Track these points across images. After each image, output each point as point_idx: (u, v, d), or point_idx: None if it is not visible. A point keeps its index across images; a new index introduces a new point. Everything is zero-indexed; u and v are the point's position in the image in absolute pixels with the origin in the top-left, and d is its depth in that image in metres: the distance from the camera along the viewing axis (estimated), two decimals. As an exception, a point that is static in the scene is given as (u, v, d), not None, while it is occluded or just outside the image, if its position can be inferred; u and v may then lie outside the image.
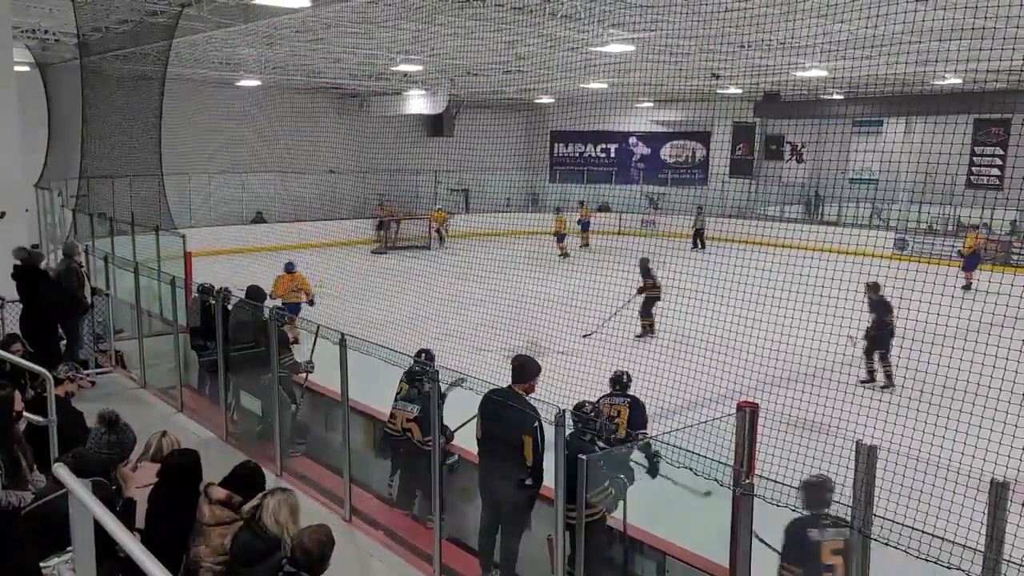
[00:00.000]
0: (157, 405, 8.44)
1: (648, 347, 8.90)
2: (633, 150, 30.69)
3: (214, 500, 4.22)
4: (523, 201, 28.94)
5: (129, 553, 2.35)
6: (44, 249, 15.33)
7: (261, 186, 24.92)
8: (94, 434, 4.82)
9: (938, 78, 18.21)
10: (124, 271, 9.75)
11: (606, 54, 15.85)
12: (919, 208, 21.49)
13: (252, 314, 7.56)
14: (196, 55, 18.09)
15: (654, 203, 27.91)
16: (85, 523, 2.67)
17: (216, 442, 7.36)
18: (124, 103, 13.25)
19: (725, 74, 19.38)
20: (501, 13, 12.27)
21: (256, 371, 7.26)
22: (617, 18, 12.80)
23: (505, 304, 11.84)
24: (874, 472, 3.55)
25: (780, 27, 12.12)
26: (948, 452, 5.61)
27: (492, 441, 5.19)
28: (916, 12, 9.74)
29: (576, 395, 6.47)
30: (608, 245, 20.92)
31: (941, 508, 4.08)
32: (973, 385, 6.49)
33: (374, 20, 13.21)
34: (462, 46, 15.88)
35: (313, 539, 3.72)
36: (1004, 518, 3.14)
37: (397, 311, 11.89)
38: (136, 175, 13.52)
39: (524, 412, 4.89)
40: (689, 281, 10.87)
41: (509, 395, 5.07)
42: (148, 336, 9.42)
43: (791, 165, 27.97)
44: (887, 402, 9.21)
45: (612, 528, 5.26)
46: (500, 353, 10.25)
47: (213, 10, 12.27)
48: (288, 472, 6.66)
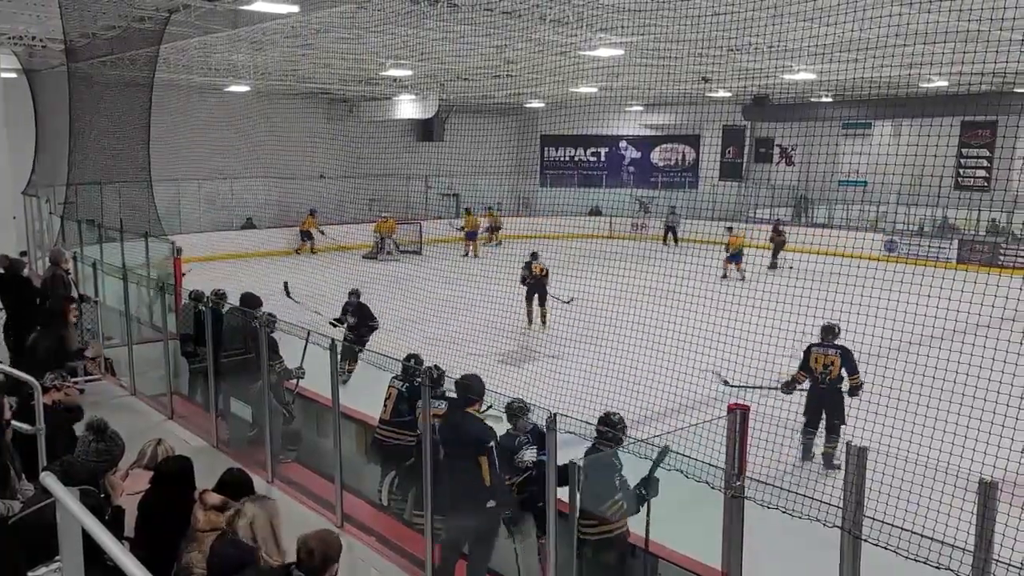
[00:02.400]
0: (147, 412, 8.39)
1: (637, 351, 8.92)
2: (623, 154, 30.77)
3: (209, 506, 4.20)
4: (514, 205, 28.95)
5: (117, 563, 2.34)
6: (32, 256, 15.26)
7: (251, 192, 24.87)
8: (83, 442, 4.79)
9: (925, 81, 18.34)
10: (113, 278, 9.70)
11: (596, 58, 15.90)
12: (908, 210, 21.65)
13: (243, 320, 7.53)
14: (184, 61, 18.05)
15: (645, 207, 28.00)
16: (73, 532, 2.65)
17: (207, 449, 7.33)
18: (112, 109, 13.18)
19: (714, 77, 19.47)
20: (491, 18, 12.29)
21: (247, 377, 7.23)
22: (606, 22, 12.84)
23: (495, 309, 11.85)
24: (864, 473, 3.56)
25: (768, 31, 12.18)
26: (937, 452, 5.64)
27: (451, 466, 5.17)
28: (902, 15, 9.80)
29: (567, 399, 6.48)
30: (599, 249, 20.99)
31: (930, 508, 4.10)
32: (960, 386, 6.52)
33: (363, 25, 13.20)
34: (452, 51, 15.89)
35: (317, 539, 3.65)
36: (993, 518, 3.16)
37: (388, 317, 11.87)
38: (124, 181, 13.47)
39: (475, 434, 4.94)
40: (675, 284, 10.90)
41: (461, 418, 5.08)
42: (138, 343, 9.38)
43: (781, 168, 28.10)
44: (876, 404, 9.26)
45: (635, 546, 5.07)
46: (493, 358, 10.26)
47: (200, 16, 12.24)
48: (279, 479, 6.63)
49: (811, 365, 8.43)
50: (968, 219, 21.92)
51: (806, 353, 8.54)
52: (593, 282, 12.88)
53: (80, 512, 2.61)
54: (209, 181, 23.64)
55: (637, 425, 7.00)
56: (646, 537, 4.87)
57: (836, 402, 8.27)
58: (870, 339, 9.16)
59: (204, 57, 18.08)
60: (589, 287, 12.99)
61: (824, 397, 8.34)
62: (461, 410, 5.12)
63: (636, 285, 11.53)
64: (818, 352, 8.42)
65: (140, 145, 12.11)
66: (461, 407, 5.17)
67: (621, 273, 12.39)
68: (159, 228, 12.45)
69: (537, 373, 9.37)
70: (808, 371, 8.46)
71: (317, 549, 3.56)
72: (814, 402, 8.42)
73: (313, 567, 3.54)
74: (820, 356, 8.40)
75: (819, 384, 8.37)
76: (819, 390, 8.38)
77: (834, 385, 8.28)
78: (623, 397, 7.28)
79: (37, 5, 12.27)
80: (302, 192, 24.37)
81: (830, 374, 8.29)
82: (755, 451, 4.51)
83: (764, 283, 9.51)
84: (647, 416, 7.53)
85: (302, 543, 3.64)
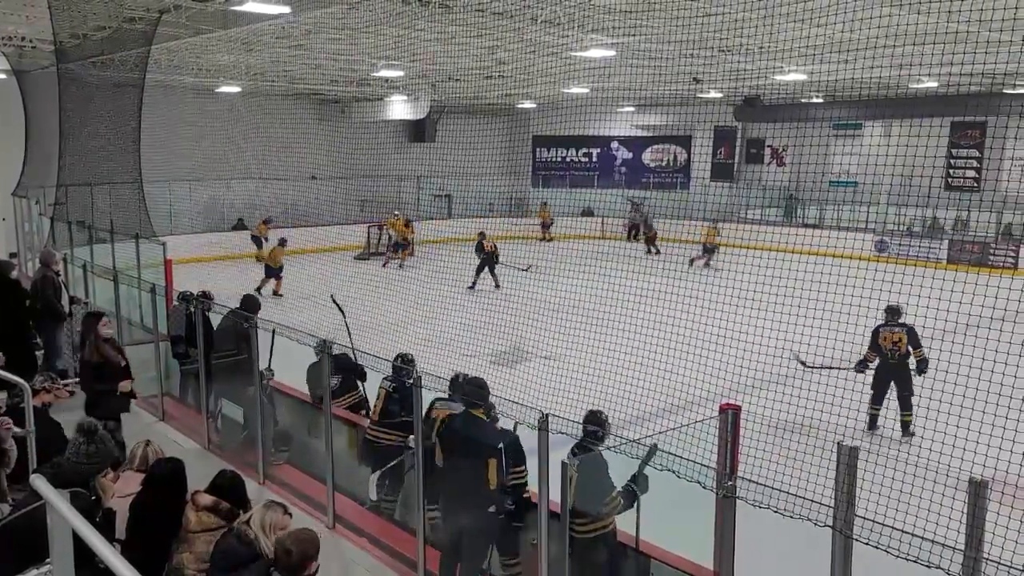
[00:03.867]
0: (138, 414, 8.35)
1: (629, 352, 8.94)
2: (615, 154, 30.81)
3: (201, 507, 4.20)
4: (506, 206, 28.95)
5: (108, 565, 2.33)
6: (22, 258, 15.19)
7: (242, 193, 24.79)
8: (73, 444, 4.77)
9: (915, 81, 18.43)
10: (103, 279, 9.66)
11: (587, 59, 15.92)
12: (898, 210, 21.74)
13: (235, 321, 7.51)
14: (175, 62, 17.99)
15: (637, 207, 28.04)
16: (64, 535, 2.64)
17: (198, 451, 7.31)
18: (102, 110, 13.14)
19: (705, 78, 19.52)
20: (482, 18, 12.30)
21: (239, 379, 7.21)
22: (597, 23, 12.86)
23: (488, 308, 11.84)
24: (855, 473, 3.57)
25: (759, 32, 12.22)
26: (928, 452, 5.66)
27: (455, 467, 5.18)
28: (892, 16, 9.85)
29: (559, 399, 6.48)
30: (595, 250, 21.03)
31: (921, 508, 4.12)
32: (951, 385, 6.55)
33: (355, 26, 13.19)
34: (444, 51, 15.89)
35: (294, 538, 3.68)
36: (983, 516, 3.17)
37: (381, 317, 11.86)
38: (115, 182, 13.42)
39: (486, 435, 4.94)
40: (666, 284, 10.92)
41: (469, 419, 5.08)
42: (129, 344, 9.34)
43: (772, 168, 28.19)
44: (867, 403, 9.30)
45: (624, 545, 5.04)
46: (485, 359, 10.25)
47: (191, 17, 12.20)
48: (271, 480, 6.62)
49: (880, 343, 9.19)
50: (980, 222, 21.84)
51: (874, 334, 9.26)
52: (585, 283, 12.90)
53: (71, 514, 2.60)
54: (200, 182, 23.56)
55: (629, 425, 7.02)
56: (636, 536, 4.87)
57: (905, 376, 9.13)
58: (861, 340, 9.22)
59: (195, 58, 18.03)
60: (581, 288, 13.01)
61: (894, 372, 9.16)
62: (467, 412, 5.11)
63: (628, 286, 11.55)
64: (886, 331, 9.21)
65: (131, 146, 12.07)
66: (468, 409, 5.17)
67: (612, 273, 12.43)
68: (150, 229, 12.41)
69: (529, 374, 9.37)
70: (877, 349, 9.21)
71: (295, 548, 3.59)
72: (885, 376, 9.21)
73: (291, 565, 3.57)
74: (888, 335, 9.18)
75: (889, 360, 9.16)
76: (889, 365, 9.17)
77: (903, 360, 9.14)
78: (615, 397, 7.28)
79: (27, 5, 12.20)
80: (293, 193, 24.33)
81: (899, 350, 9.12)
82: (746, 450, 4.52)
83: (753, 282, 9.52)
84: (639, 416, 7.53)
85: (279, 543, 3.67)
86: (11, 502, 4.71)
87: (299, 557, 3.59)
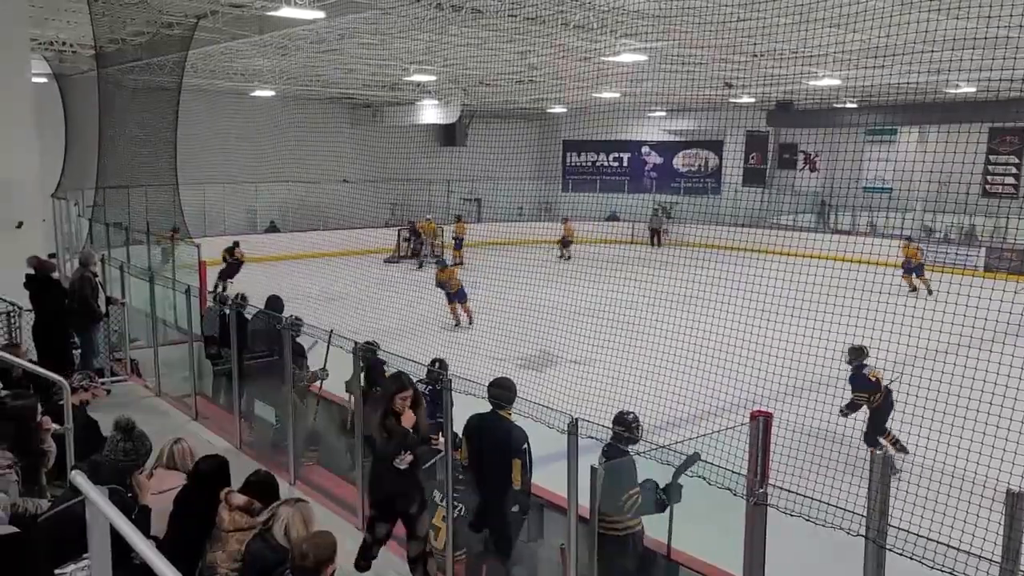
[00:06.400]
0: (172, 413, 8.48)
1: (661, 357, 8.89)
2: (646, 159, 30.68)
3: (234, 506, 4.24)
4: (536, 210, 28.95)
5: (146, 560, 2.36)
6: (61, 258, 15.46)
7: (275, 196, 25.05)
8: (111, 441, 4.85)
9: (952, 87, 18.14)
10: (139, 280, 9.82)
11: (619, 64, 15.88)
12: (933, 217, 21.39)
13: (267, 323, 7.59)
14: (211, 66, 18.25)
15: (667, 212, 27.87)
16: (102, 530, 2.68)
17: (230, 450, 7.39)
18: (140, 114, 13.37)
19: (738, 83, 19.38)
20: (514, 24, 12.32)
21: (271, 380, 7.29)
22: (629, 28, 12.83)
23: (517, 313, 11.84)
24: (888, 482, 3.53)
25: (793, 37, 12.11)
26: (964, 462, 5.57)
27: (480, 466, 5.21)
28: (930, 22, 9.71)
29: (587, 404, 6.45)
30: (622, 255, 20.93)
31: (956, 519, 4.05)
32: (988, 395, 6.44)
33: (387, 31, 13.29)
34: (475, 56, 15.95)
35: (311, 542, 3.70)
36: (1020, 528, 3.12)
37: (410, 320, 11.93)
38: (151, 185, 13.63)
39: (511, 435, 4.97)
40: (699, 290, 10.85)
41: (495, 419, 5.11)
42: (163, 345, 9.48)
43: (804, 174, 27.89)
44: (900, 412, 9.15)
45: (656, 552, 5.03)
46: (514, 363, 10.26)
47: (228, 22, 12.38)
48: (301, 480, 6.68)
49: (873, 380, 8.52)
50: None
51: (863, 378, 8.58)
52: (613, 287, 12.86)
53: (110, 510, 2.65)
54: (234, 185, 23.85)
55: (659, 431, 6.98)
56: (668, 544, 4.85)
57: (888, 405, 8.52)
58: (896, 347, 9.08)
59: (229, 62, 18.27)
60: (610, 292, 12.96)
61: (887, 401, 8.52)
62: (495, 413, 5.15)
63: (658, 290, 11.49)
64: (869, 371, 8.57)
65: (167, 149, 12.26)
66: (495, 410, 5.20)
67: (643, 278, 12.37)
68: (185, 231, 12.59)
69: (558, 378, 9.36)
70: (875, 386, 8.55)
71: (311, 552, 3.61)
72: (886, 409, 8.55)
73: (307, 568, 3.59)
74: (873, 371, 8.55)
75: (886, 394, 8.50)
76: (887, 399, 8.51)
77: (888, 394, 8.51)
78: (644, 402, 7.25)
79: (68, 11, 12.46)
80: (325, 196, 24.50)
81: None
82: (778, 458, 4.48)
83: (790, 291, 9.41)
84: (668, 422, 7.49)
85: (295, 546, 3.70)
86: (50, 498, 4.80)
87: (315, 561, 3.61)
